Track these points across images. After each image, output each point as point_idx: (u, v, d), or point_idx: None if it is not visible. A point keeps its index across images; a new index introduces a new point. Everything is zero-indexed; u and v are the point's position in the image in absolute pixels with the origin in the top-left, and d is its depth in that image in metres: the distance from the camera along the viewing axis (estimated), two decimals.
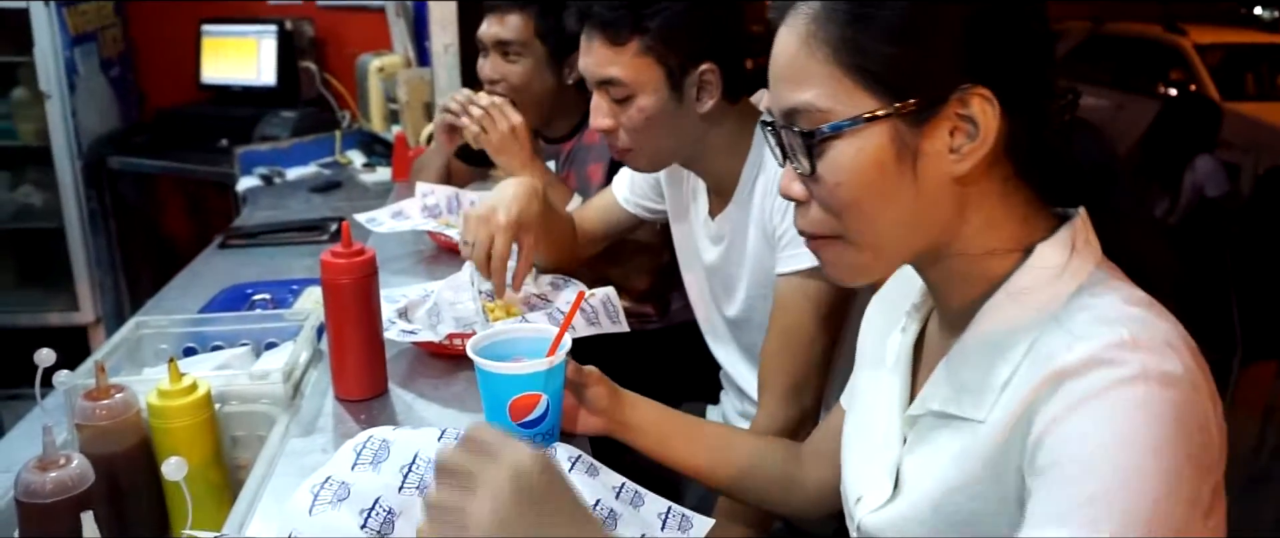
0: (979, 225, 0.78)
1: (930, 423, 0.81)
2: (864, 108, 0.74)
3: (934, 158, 0.74)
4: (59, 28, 3.17)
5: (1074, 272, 0.75)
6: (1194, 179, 4.33)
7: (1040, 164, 0.79)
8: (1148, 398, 0.65)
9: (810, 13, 0.76)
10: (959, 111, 0.73)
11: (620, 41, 1.32)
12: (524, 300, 1.55)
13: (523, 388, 1.02)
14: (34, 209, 3.47)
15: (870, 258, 0.80)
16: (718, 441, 1.16)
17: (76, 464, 0.95)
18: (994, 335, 0.76)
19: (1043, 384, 0.69)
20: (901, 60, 0.73)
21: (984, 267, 0.79)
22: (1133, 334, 0.67)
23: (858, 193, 0.75)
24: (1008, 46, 0.74)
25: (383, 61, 3.09)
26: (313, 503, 0.91)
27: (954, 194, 0.76)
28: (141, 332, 1.41)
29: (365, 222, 1.90)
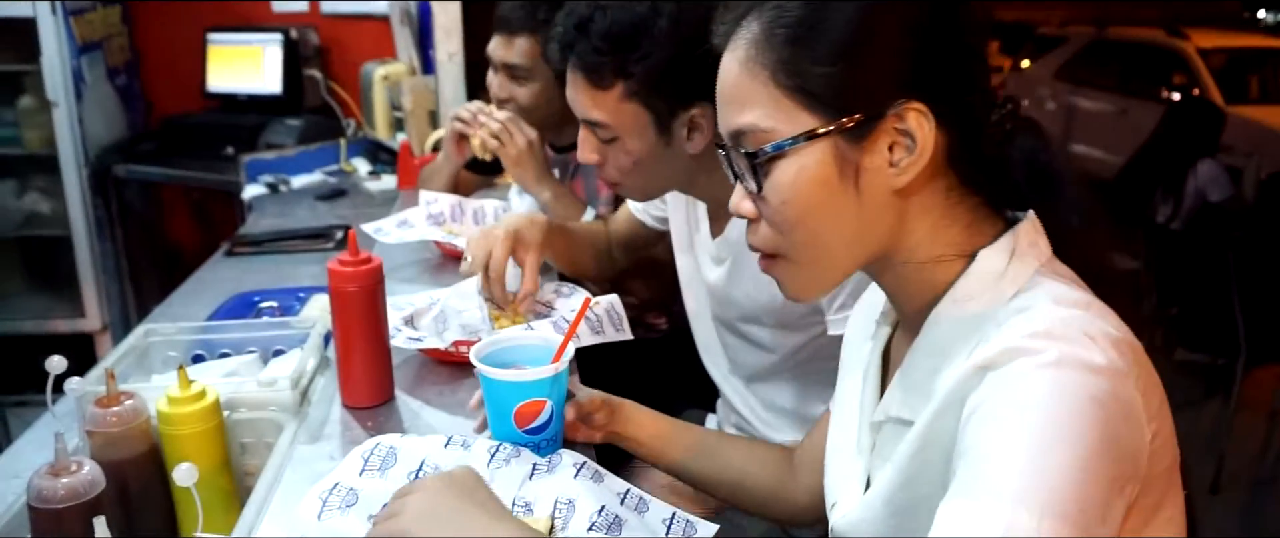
0: (923, 234, 0.80)
1: (891, 429, 0.84)
2: (804, 127, 0.76)
3: (874, 172, 0.77)
4: (66, 36, 3.19)
5: (1014, 276, 0.77)
6: (1197, 183, 4.33)
7: (983, 172, 0.81)
8: (1061, 380, 0.66)
9: (750, 37, 0.79)
10: (896, 126, 0.76)
11: (603, 86, 1.28)
12: (528, 309, 1.56)
13: (527, 395, 1.03)
14: (41, 217, 3.49)
15: (818, 272, 0.83)
16: (712, 448, 1.18)
17: (88, 470, 0.96)
18: (940, 341, 0.79)
19: (969, 375, 0.71)
20: (838, 79, 0.75)
21: (931, 274, 0.81)
22: (1050, 324, 0.69)
23: (803, 209, 0.78)
24: (941, 61, 0.76)
25: (387, 70, 3.10)
26: (321, 509, 0.92)
27: (896, 206, 0.79)
28: (150, 339, 1.42)
29: (371, 231, 1.91)
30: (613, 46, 1.25)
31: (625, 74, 1.26)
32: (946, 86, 0.76)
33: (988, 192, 0.82)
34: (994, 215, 0.82)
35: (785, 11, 0.77)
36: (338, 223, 2.39)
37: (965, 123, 0.78)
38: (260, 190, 2.89)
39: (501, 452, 1.03)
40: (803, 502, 1.13)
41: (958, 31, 0.77)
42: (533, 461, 1.03)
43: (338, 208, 2.69)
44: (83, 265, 3.41)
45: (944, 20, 0.77)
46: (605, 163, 1.36)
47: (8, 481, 1.13)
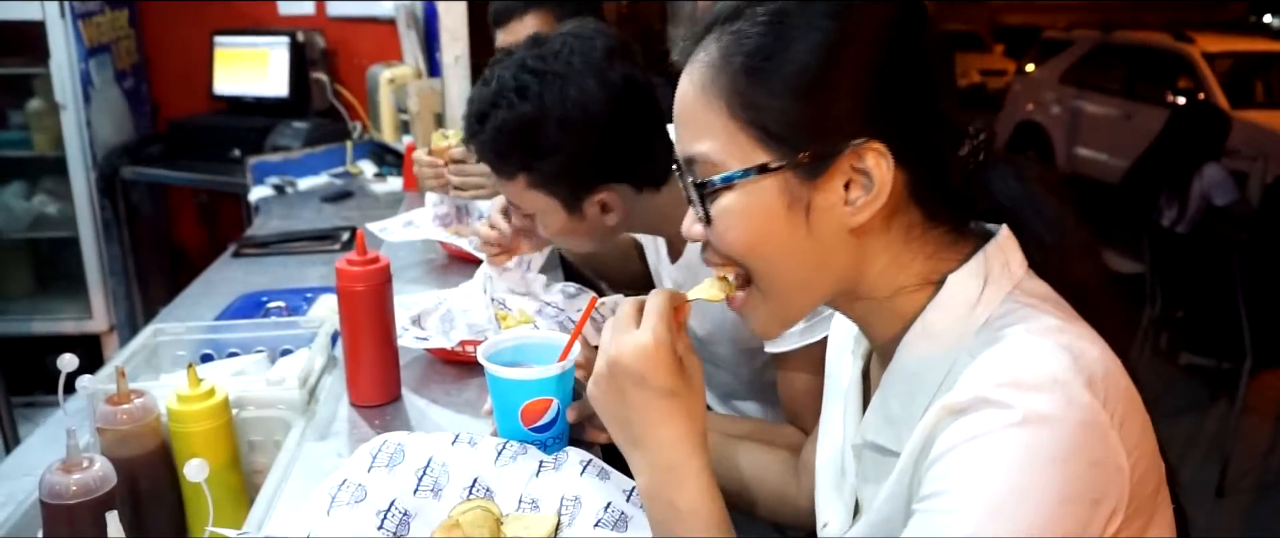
0: (882, 269, 0.79)
1: (872, 454, 0.83)
2: (756, 160, 0.74)
3: (827, 211, 0.75)
4: (75, 40, 3.21)
5: (986, 301, 0.76)
6: (1202, 187, 4.33)
7: (948, 204, 0.79)
8: (1024, 444, 0.65)
9: (707, 61, 0.77)
10: (854, 165, 0.74)
11: (507, 174, 1.28)
12: (536, 309, 1.58)
13: (534, 393, 1.04)
14: (49, 218, 3.51)
15: (779, 307, 0.81)
16: (719, 451, 1.17)
17: (99, 466, 0.97)
18: (913, 370, 0.78)
19: (939, 416, 0.70)
20: (795, 115, 0.73)
21: (896, 305, 0.80)
22: (1019, 374, 0.68)
23: (748, 242, 0.77)
24: (903, 99, 0.74)
25: (393, 72, 3.11)
26: (330, 504, 0.93)
27: (852, 243, 0.77)
28: (159, 339, 1.43)
29: (377, 231, 1.93)
30: (508, 144, 1.24)
31: (525, 167, 1.25)
32: (908, 125, 0.74)
33: (953, 221, 0.80)
34: (961, 237, 0.80)
35: (744, 37, 0.75)
36: (344, 225, 2.40)
37: (928, 160, 0.76)
38: (267, 192, 2.90)
39: (508, 449, 1.04)
40: (805, 507, 1.13)
41: (921, 69, 0.75)
42: (539, 458, 1.03)
43: (343, 210, 2.70)
44: (90, 267, 3.43)
45: (906, 58, 0.74)
46: (534, 223, 1.36)
47: (19, 478, 1.14)
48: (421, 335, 1.43)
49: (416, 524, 0.94)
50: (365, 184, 3.00)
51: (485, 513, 0.95)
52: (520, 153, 1.23)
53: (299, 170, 3.05)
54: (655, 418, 0.84)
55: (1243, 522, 3.18)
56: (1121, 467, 0.68)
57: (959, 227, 0.80)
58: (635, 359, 0.84)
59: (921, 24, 0.75)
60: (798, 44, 0.73)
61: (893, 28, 0.74)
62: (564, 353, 1.06)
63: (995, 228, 0.80)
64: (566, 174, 1.24)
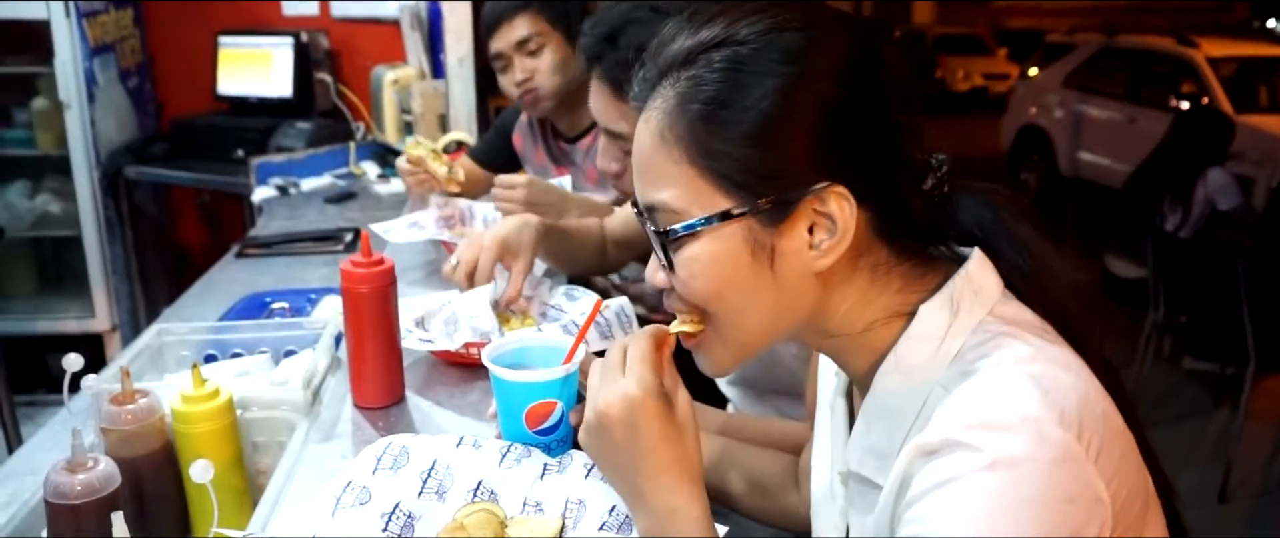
0: (851, 307, 0.78)
1: (857, 483, 0.82)
2: (717, 207, 0.74)
3: (791, 255, 0.75)
4: (79, 39, 3.21)
5: (956, 331, 0.75)
6: (1206, 192, 4.33)
7: (914, 238, 0.79)
8: (994, 489, 0.65)
9: (664, 108, 0.76)
10: (817, 208, 0.73)
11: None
12: (539, 312, 1.58)
13: (539, 396, 1.04)
14: (52, 217, 3.52)
15: (735, 350, 0.81)
16: (721, 456, 1.17)
17: (103, 466, 0.96)
18: (888, 402, 0.77)
19: (912, 457, 0.69)
20: (754, 162, 0.73)
21: (867, 340, 0.79)
22: (986, 416, 0.67)
23: (714, 289, 0.77)
24: (862, 142, 0.74)
25: (397, 73, 3.12)
26: (335, 506, 0.93)
27: (816, 285, 0.76)
28: (163, 339, 1.43)
29: (381, 232, 1.93)
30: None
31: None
32: (868, 165, 0.74)
33: (921, 254, 0.79)
34: (931, 267, 0.80)
35: (701, 84, 0.74)
36: (347, 226, 2.40)
37: (890, 198, 0.75)
38: (270, 193, 2.90)
39: (512, 452, 1.04)
40: (807, 512, 1.12)
41: (881, 107, 0.74)
42: (544, 461, 1.03)
43: (347, 211, 2.70)
44: (93, 266, 3.43)
45: (865, 97, 0.74)
46: (625, 173, 1.36)
47: (23, 478, 1.14)
48: (425, 337, 1.43)
49: (421, 526, 0.94)
50: (368, 185, 3.00)
51: (489, 516, 0.95)
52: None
53: (302, 171, 3.05)
54: (649, 467, 0.84)
55: (1245, 528, 3.18)
56: (1100, 497, 0.67)
57: (927, 258, 0.80)
58: (624, 411, 0.84)
59: (876, 64, 0.75)
60: (754, 91, 0.73)
61: (848, 70, 0.74)
62: (569, 356, 1.06)
63: (967, 252, 0.80)
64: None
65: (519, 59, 2.04)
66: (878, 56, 0.75)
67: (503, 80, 2.10)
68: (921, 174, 0.78)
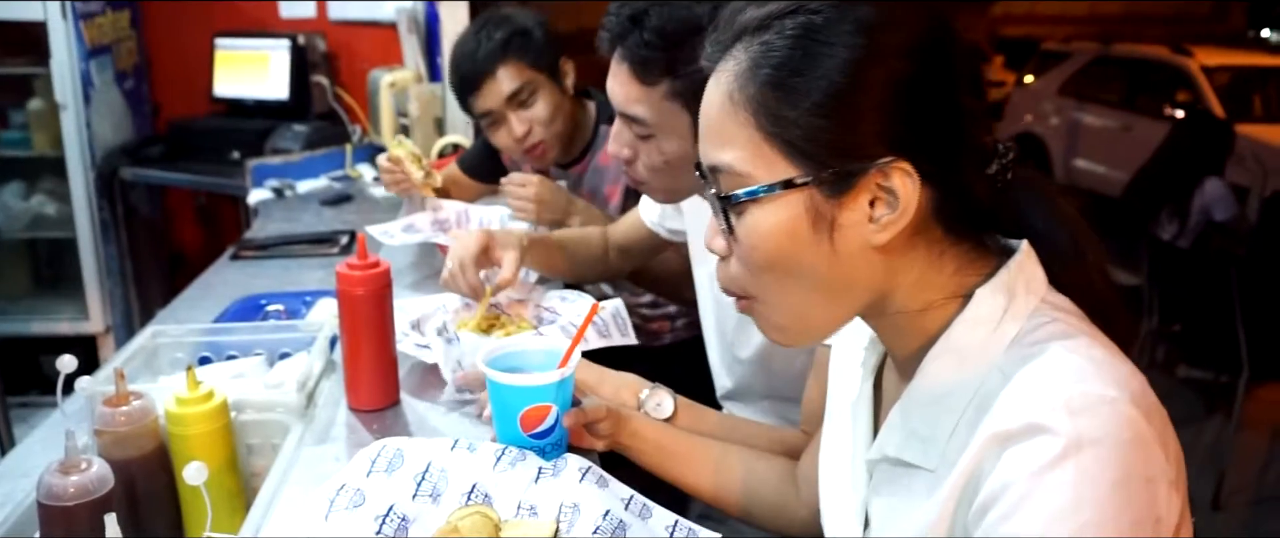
0: (910, 285, 0.78)
1: (888, 468, 0.82)
2: (781, 175, 0.74)
3: (852, 228, 0.74)
4: (76, 40, 3.21)
5: (1013, 315, 0.75)
6: (1202, 202, 4.34)
7: (972, 223, 0.79)
8: (1082, 475, 0.65)
9: (735, 70, 0.76)
10: (880, 183, 0.73)
11: (649, 81, 1.25)
12: (535, 316, 1.58)
13: (533, 399, 1.04)
14: (47, 218, 3.51)
15: (789, 322, 0.81)
16: (717, 462, 1.17)
17: (97, 468, 0.96)
18: (939, 386, 0.77)
19: (987, 445, 0.69)
20: (821, 132, 0.73)
21: (922, 321, 0.79)
22: (1067, 396, 0.67)
23: (772, 258, 0.76)
24: (931, 120, 0.74)
25: (394, 76, 3.11)
26: (329, 509, 0.93)
27: (875, 261, 0.76)
28: (158, 340, 1.43)
29: (377, 234, 1.93)
30: (665, 43, 1.21)
31: (673, 73, 1.22)
32: (934, 144, 0.74)
33: (976, 237, 0.80)
34: (984, 252, 0.80)
35: (772, 49, 0.74)
36: (343, 228, 2.40)
37: (953, 179, 0.76)
38: (266, 195, 2.90)
39: (507, 456, 1.04)
40: (805, 517, 1.12)
41: (949, 88, 0.75)
42: (538, 465, 1.03)
43: (343, 213, 2.70)
44: (87, 267, 3.42)
45: (935, 77, 0.74)
46: (636, 159, 1.34)
47: (16, 479, 1.14)
48: (422, 343, 1.42)
49: (415, 529, 0.94)
50: (365, 188, 2.99)
51: (484, 519, 0.95)
52: (676, 54, 1.20)
53: (298, 173, 3.05)
54: None
55: (1239, 535, 3.18)
56: (1172, 480, 0.69)
57: (979, 243, 0.80)
58: None
59: (948, 44, 0.75)
60: (826, 60, 0.72)
61: (921, 47, 0.74)
62: (564, 360, 1.06)
63: (1014, 243, 0.80)
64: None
65: (513, 114, 1.95)
66: (950, 36, 0.76)
67: (497, 136, 2.02)
68: (985, 159, 0.78)
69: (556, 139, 2.00)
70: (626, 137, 1.33)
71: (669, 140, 1.28)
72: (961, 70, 0.76)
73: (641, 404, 1.23)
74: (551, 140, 1.99)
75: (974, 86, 0.77)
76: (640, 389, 1.24)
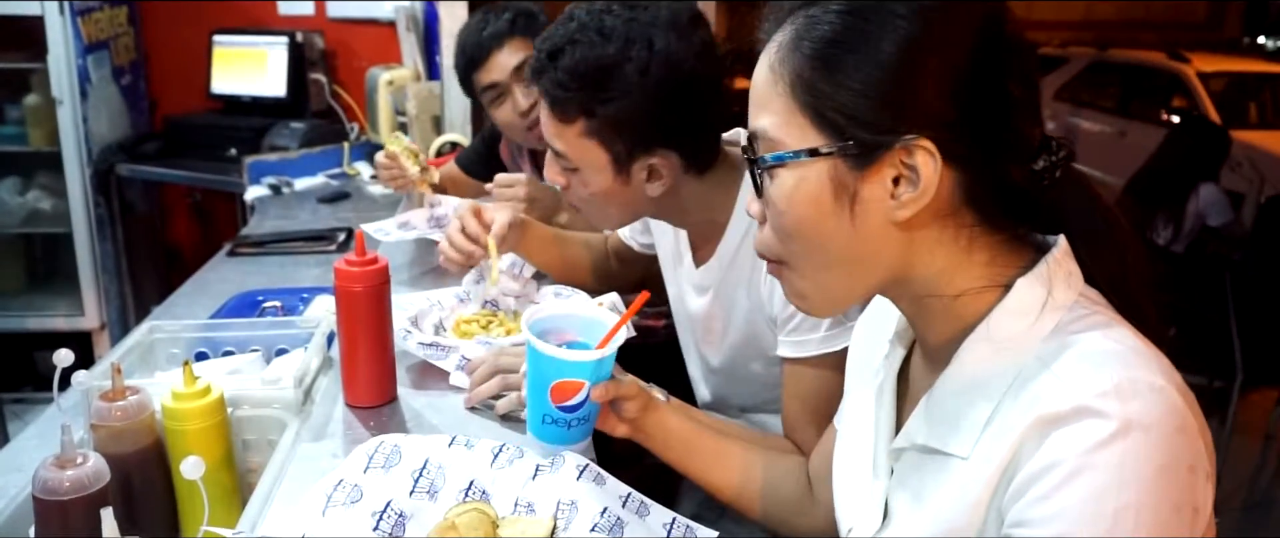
0: (941, 268, 0.79)
1: (915, 457, 0.82)
2: (809, 144, 0.76)
3: (873, 202, 0.76)
4: (73, 35, 3.20)
5: (1053, 306, 0.76)
6: (1197, 207, 4.35)
7: (1009, 213, 0.79)
8: (1129, 457, 0.66)
9: (781, 41, 0.78)
10: (904, 160, 0.74)
11: (566, 119, 1.26)
12: None
13: (568, 374, 1.03)
14: (43, 214, 3.50)
15: (811, 291, 0.82)
16: (739, 462, 1.16)
17: (93, 463, 0.96)
18: (976, 375, 0.77)
19: (1031, 429, 0.70)
20: (848, 104, 0.74)
21: (959, 307, 0.80)
22: (1117, 381, 0.68)
23: (796, 223, 0.78)
24: (964, 104, 0.74)
25: (392, 74, 3.11)
26: (326, 505, 0.93)
27: (898, 237, 0.77)
28: (154, 336, 1.42)
29: (373, 232, 1.93)
30: (578, 84, 1.22)
31: (587, 112, 1.24)
32: (970, 129, 0.74)
33: (1012, 229, 0.80)
34: (1021, 245, 0.81)
35: (816, 24, 0.76)
36: (340, 226, 2.40)
37: (988, 167, 0.76)
38: (263, 192, 2.89)
39: (505, 453, 1.04)
40: (821, 520, 1.11)
41: (997, 77, 0.75)
42: (536, 461, 1.03)
43: (340, 211, 2.70)
44: (83, 263, 3.42)
45: (982, 65, 0.74)
46: (569, 188, 1.35)
47: (11, 474, 1.14)
48: (425, 342, 1.42)
49: (412, 526, 0.94)
50: (362, 186, 2.99)
51: (481, 516, 0.95)
52: (588, 95, 1.22)
53: (295, 171, 3.04)
54: None
55: None
56: (1210, 473, 0.70)
57: (1017, 235, 0.81)
58: None
59: (1002, 31, 0.76)
60: (865, 37, 0.74)
61: (958, 30, 0.74)
62: (604, 341, 1.04)
63: (1051, 239, 0.81)
64: (628, 125, 1.23)
65: (518, 86, 1.98)
66: (997, 22, 0.76)
67: (500, 112, 2.04)
68: (1032, 151, 0.78)
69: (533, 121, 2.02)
70: (557, 168, 1.34)
71: (590, 174, 1.29)
72: (1012, 60, 0.76)
73: None
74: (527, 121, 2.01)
75: (1024, 78, 0.77)
76: None
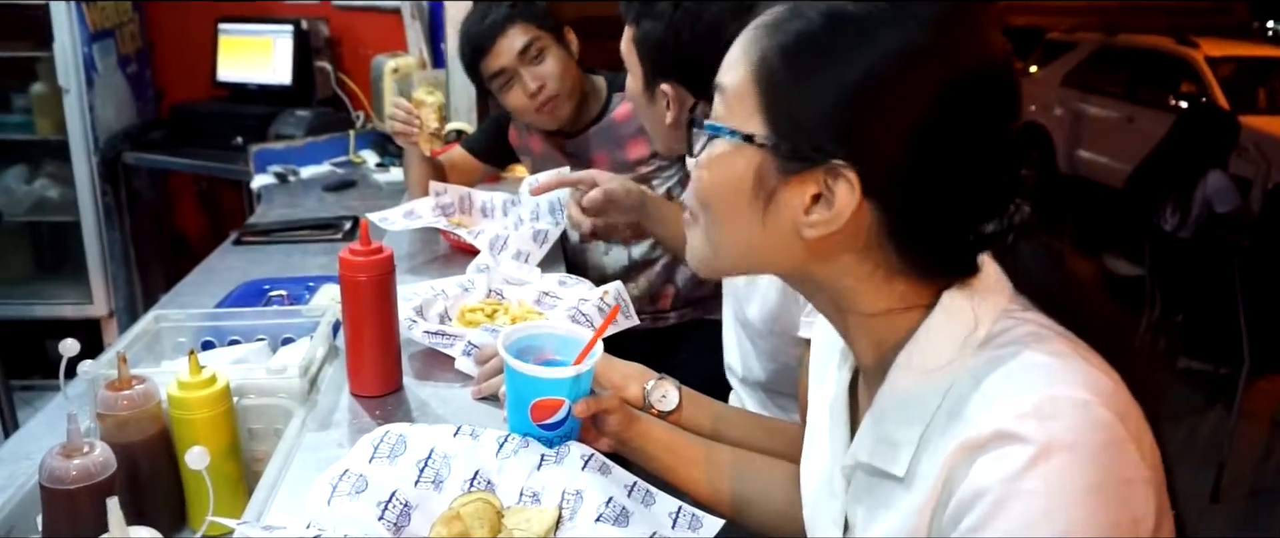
0: (852, 288, 0.77)
1: (866, 474, 0.81)
2: (750, 127, 0.75)
3: (787, 209, 0.74)
4: (78, 24, 3.20)
5: (981, 318, 0.74)
6: (1205, 193, 4.33)
7: (932, 263, 0.76)
8: (1054, 481, 0.64)
9: (765, 21, 0.77)
10: (829, 181, 0.72)
11: (626, 20, 1.37)
12: (534, 300, 1.58)
13: (546, 392, 1.03)
14: (50, 202, 3.51)
15: (704, 252, 0.82)
16: (726, 469, 1.15)
17: (99, 452, 0.96)
18: (908, 392, 0.76)
19: (958, 453, 0.68)
20: (799, 110, 0.73)
21: (884, 326, 0.78)
22: (1036, 401, 0.66)
23: (709, 194, 0.79)
24: (920, 151, 0.71)
25: (398, 62, 3.11)
26: (331, 495, 0.93)
27: (799, 249, 0.76)
28: (160, 325, 1.43)
29: (378, 221, 1.93)
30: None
31: (634, 22, 1.34)
32: (918, 177, 0.72)
33: (932, 273, 0.77)
34: (942, 276, 0.78)
35: (800, 15, 0.74)
36: (346, 214, 2.40)
37: (921, 216, 0.74)
38: (269, 180, 2.90)
39: (510, 443, 1.04)
40: None
41: (964, 134, 0.71)
42: (541, 452, 1.03)
43: (346, 199, 2.70)
44: (91, 251, 3.43)
45: (952, 120, 0.71)
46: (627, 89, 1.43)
47: (18, 462, 1.14)
48: (431, 330, 1.42)
49: (417, 516, 0.94)
50: (367, 174, 3.00)
51: (486, 506, 0.95)
52: (639, 7, 1.33)
53: (301, 159, 3.05)
54: None
55: (1237, 527, 3.19)
56: (1147, 479, 0.68)
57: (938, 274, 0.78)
58: None
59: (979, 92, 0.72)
60: (836, 52, 0.72)
61: (936, 87, 0.71)
62: (581, 356, 1.05)
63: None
64: (653, 48, 1.32)
65: (525, 69, 2.00)
66: (988, 79, 0.73)
67: (510, 97, 2.05)
68: (982, 210, 0.75)
69: (568, 96, 2.04)
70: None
71: (632, 79, 1.38)
72: (990, 120, 0.73)
73: (646, 395, 1.23)
74: (563, 96, 2.03)
75: (995, 139, 0.73)
76: (646, 379, 1.24)
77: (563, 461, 1.02)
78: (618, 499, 0.97)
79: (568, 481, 1.00)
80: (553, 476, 1.00)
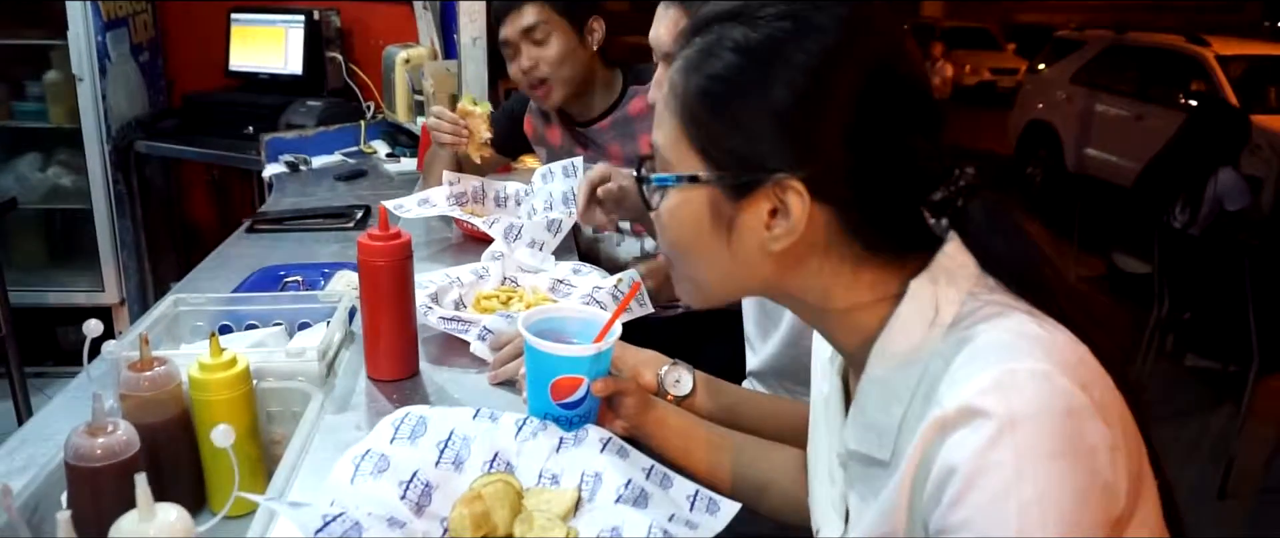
0: (826, 289, 0.80)
1: (858, 463, 0.83)
2: (691, 169, 0.79)
3: (748, 232, 0.78)
4: (92, 13, 3.22)
5: (948, 301, 0.76)
6: (1215, 192, 4.32)
7: (899, 244, 0.79)
8: (1019, 451, 0.66)
9: (682, 64, 0.80)
10: (779, 195, 0.75)
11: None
12: (548, 287, 1.59)
13: (566, 370, 1.04)
14: (63, 190, 3.53)
15: (693, 289, 0.87)
16: (741, 455, 1.16)
17: (124, 431, 0.97)
18: (883, 378, 0.78)
19: (930, 431, 0.70)
20: (730, 142, 0.76)
21: (856, 320, 0.81)
22: (996, 376, 0.68)
23: (677, 239, 0.83)
24: (857, 149, 0.74)
25: (409, 53, 3.12)
26: (354, 474, 0.94)
27: (775, 263, 0.79)
28: (179, 309, 1.44)
29: (393, 208, 1.94)
30: None
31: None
32: (861, 171, 0.75)
33: (898, 249, 0.80)
34: (913, 254, 0.80)
35: (712, 56, 0.77)
36: (357, 203, 2.41)
37: (869, 204, 0.77)
38: (280, 169, 2.91)
39: (529, 425, 1.05)
40: None
41: (888, 121, 0.75)
42: (559, 434, 1.04)
43: (357, 188, 2.71)
44: (103, 239, 3.45)
45: (873, 112, 0.74)
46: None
47: (40, 443, 1.15)
48: (446, 316, 1.43)
49: (438, 496, 0.95)
50: (378, 164, 3.01)
51: (507, 486, 0.96)
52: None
53: (312, 149, 3.06)
54: None
55: (1245, 525, 3.19)
56: (1115, 445, 0.69)
57: (904, 252, 0.80)
58: None
59: (885, 83, 0.75)
60: (750, 84, 0.75)
61: (853, 87, 0.74)
62: (600, 335, 1.06)
63: (942, 233, 0.80)
64: None
65: (525, 47, 2.03)
66: (888, 70, 0.76)
67: (511, 68, 2.10)
68: (926, 183, 0.78)
69: (563, 84, 2.04)
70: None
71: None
72: (903, 103, 0.76)
73: (661, 380, 1.24)
74: (557, 83, 2.04)
75: (916, 119, 0.77)
76: (660, 365, 1.25)
77: (581, 443, 1.03)
78: (636, 481, 0.98)
79: (587, 463, 1.00)
80: (572, 458, 1.01)
